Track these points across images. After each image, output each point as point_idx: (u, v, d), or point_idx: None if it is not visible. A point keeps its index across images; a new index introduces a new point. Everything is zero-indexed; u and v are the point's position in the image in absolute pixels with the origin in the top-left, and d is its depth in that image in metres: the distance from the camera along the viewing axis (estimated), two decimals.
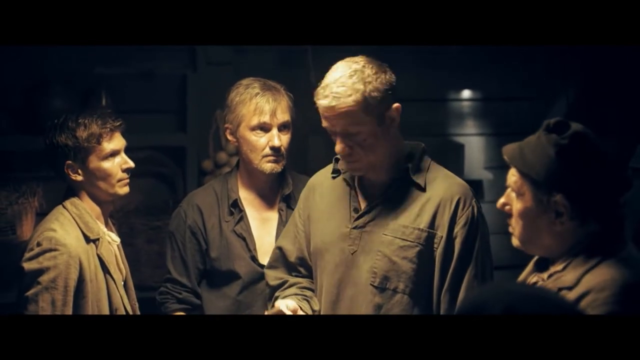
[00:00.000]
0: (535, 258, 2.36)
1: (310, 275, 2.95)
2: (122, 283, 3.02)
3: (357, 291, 2.76)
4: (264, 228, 3.21)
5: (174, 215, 3.33)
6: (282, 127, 3.17)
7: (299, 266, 2.97)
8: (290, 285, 2.94)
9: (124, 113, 3.08)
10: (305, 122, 3.54)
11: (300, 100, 3.30)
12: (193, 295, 3.26)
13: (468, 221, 2.73)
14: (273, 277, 3.00)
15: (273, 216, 3.22)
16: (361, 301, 2.75)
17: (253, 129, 3.15)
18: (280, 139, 3.16)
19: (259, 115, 3.14)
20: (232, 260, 3.22)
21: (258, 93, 3.15)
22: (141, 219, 3.92)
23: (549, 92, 4.47)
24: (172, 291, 3.26)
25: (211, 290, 3.27)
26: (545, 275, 2.27)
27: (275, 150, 3.15)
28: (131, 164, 2.98)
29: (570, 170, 2.16)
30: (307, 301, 2.86)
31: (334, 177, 2.89)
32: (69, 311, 2.80)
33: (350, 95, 2.61)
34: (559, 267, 2.23)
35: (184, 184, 4.04)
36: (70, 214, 2.91)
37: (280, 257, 3.00)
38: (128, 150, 3.02)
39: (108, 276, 2.92)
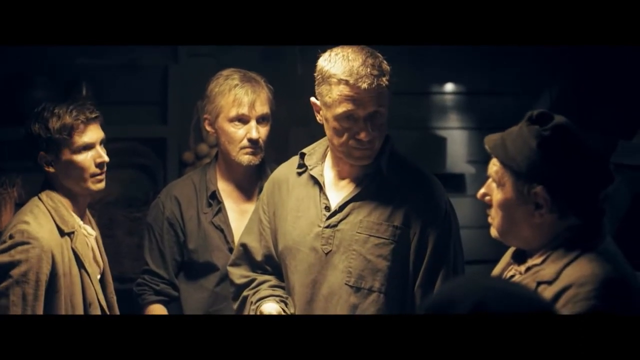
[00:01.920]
0: (512, 250, 2.34)
1: (275, 272, 2.91)
2: (99, 277, 2.98)
3: (332, 291, 2.72)
4: (242, 220, 3.17)
5: (152, 207, 3.32)
6: (260, 120, 3.15)
7: (265, 264, 2.92)
8: (260, 284, 2.90)
9: (105, 104, 3.06)
10: (287, 114, 3.52)
11: (282, 92, 3.27)
12: (170, 287, 3.25)
13: (441, 215, 2.71)
14: (238, 275, 2.94)
15: (251, 208, 3.15)
16: (336, 301, 2.71)
17: (231, 120, 3.14)
18: (258, 131, 3.14)
19: (237, 107, 3.12)
20: (210, 252, 3.21)
21: (237, 84, 3.13)
22: (121, 211, 3.91)
23: (534, 87, 4.46)
24: (150, 283, 3.25)
25: (189, 282, 3.26)
26: (522, 268, 2.25)
27: (253, 142, 3.14)
28: (105, 158, 2.91)
29: (552, 163, 2.15)
30: (285, 303, 2.82)
31: (299, 174, 2.84)
32: (40, 305, 2.76)
33: (384, 75, 2.64)
34: (537, 260, 2.21)
35: (165, 175, 4.04)
36: (46, 206, 2.86)
37: (244, 255, 2.95)
38: (108, 141, 2.96)
39: (83, 270, 2.88)
